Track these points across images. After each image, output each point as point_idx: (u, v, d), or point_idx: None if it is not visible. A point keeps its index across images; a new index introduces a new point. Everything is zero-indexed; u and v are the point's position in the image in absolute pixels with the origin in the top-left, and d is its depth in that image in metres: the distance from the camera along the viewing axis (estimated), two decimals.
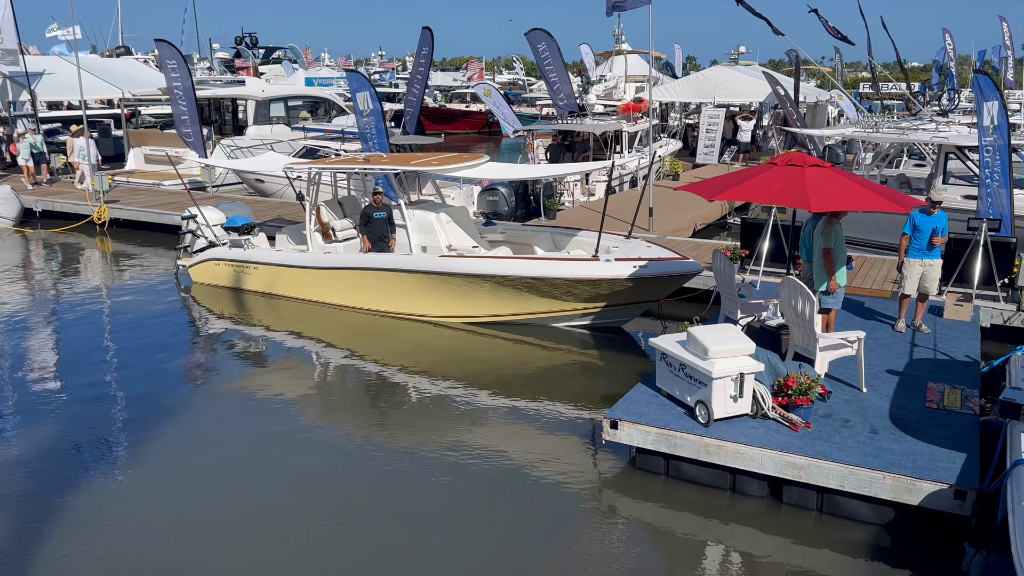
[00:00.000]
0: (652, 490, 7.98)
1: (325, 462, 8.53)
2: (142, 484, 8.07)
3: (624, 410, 8.17)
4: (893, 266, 13.74)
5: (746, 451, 7.44)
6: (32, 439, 9.01)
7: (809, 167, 8.51)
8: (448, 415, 9.74)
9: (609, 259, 11.67)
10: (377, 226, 12.75)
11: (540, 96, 53.20)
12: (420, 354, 11.79)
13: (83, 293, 14.89)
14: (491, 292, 12.21)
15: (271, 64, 60.15)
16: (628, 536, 7.30)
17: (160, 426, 9.37)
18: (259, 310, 13.70)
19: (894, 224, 14.76)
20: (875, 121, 17.40)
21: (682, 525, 7.44)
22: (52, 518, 7.47)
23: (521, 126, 32.51)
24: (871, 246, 14.74)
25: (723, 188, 8.47)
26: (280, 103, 28.50)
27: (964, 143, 15.82)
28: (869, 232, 14.46)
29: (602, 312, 12.23)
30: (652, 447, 7.89)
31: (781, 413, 7.83)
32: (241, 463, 8.54)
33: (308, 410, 9.82)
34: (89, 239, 19.36)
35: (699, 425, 7.80)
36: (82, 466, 8.41)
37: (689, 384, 7.96)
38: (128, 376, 10.91)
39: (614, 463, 8.48)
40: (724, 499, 7.74)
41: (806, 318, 8.35)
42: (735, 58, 38.42)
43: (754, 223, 13.23)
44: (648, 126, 21.41)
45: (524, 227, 14.50)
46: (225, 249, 14.43)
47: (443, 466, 8.40)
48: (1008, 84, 40.84)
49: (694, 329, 7.94)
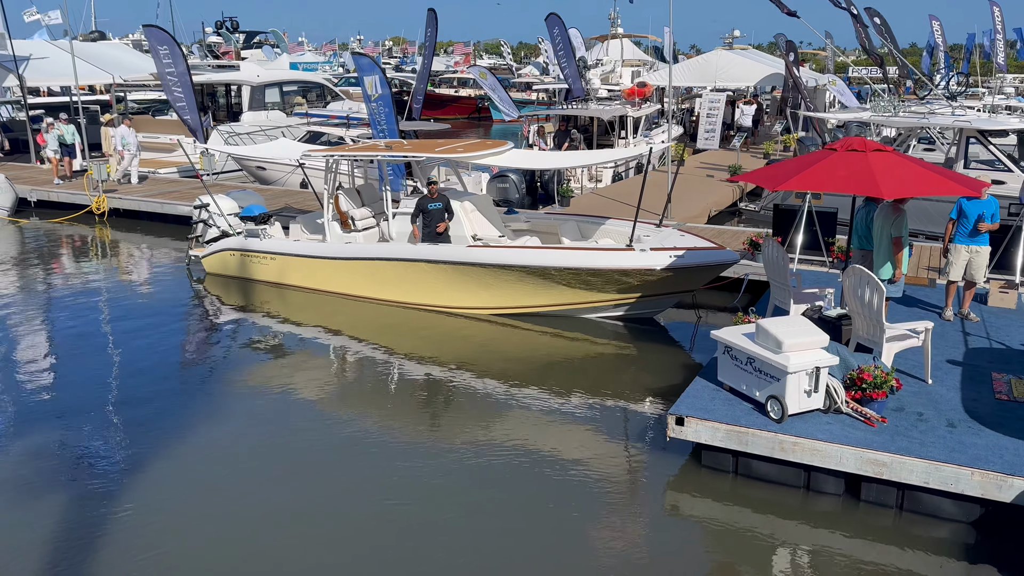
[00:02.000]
0: (719, 488, 7.72)
1: (371, 461, 8.17)
2: (170, 484, 7.69)
3: (689, 405, 7.88)
4: (927, 253, 13.58)
5: (824, 448, 7.18)
6: (52, 434, 8.58)
7: (872, 152, 8.23)
8: (489, 411, 9.39)
9: (645, 248, 11.37)
10: (433, 217, 12.30)
11: (532, 80, 52.69)
12: (450, 347, 11.44)
13: (92, 286, 14.36)
14: (522, 283, 11.87)
15: (252, 49, 59.13)
16: (695, 535, 7.06)
17: (189, 424, 8.97)
18: (278, 302, 13.26)
19: (923, 211, 14.60)
20: (894, 105, 17.17)
21: (753, 524, 7.18)
22: (61, 516, 7.08)
23: (518, 111, 32.12)
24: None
25: (785, 177, 8.17)
26: (275, 88, 27.87)
27: (987, 127, 15.65)
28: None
29: (635, 303, 11.93)
30: (721, 444, 7.62)
31: (855, 407, 7.58)
32: (278, 460, 8.18)
33: (344, 406, 9.45)
34: (88, 229, 18.75)
35: (770, 421, 7.53)
36: (107, 463, 8.01)
37: (758, 378, 7.68)
38: (150, 371, 10.46)
39: (673, 460, 8.20)
40: (797, 497, 7.49)
41: (873, 308, 8.10)
42: (730, 42, 38.21)
43: (787, 210, 12.98)
44: (667, 109, 21.10)
45: (548, 215, 14.15)
46: (240, 239, 13.95)
47: (493, 466, 8.08)
48: (999, 68, 40.91)
49: (764, 321, 7.65)
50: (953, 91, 21.91)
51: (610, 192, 20.13)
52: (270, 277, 13.82)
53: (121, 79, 25.46)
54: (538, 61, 61.40)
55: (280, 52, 59.73)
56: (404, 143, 13.49)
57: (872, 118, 17.42)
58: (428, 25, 20.91)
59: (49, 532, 6.98)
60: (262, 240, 13.74)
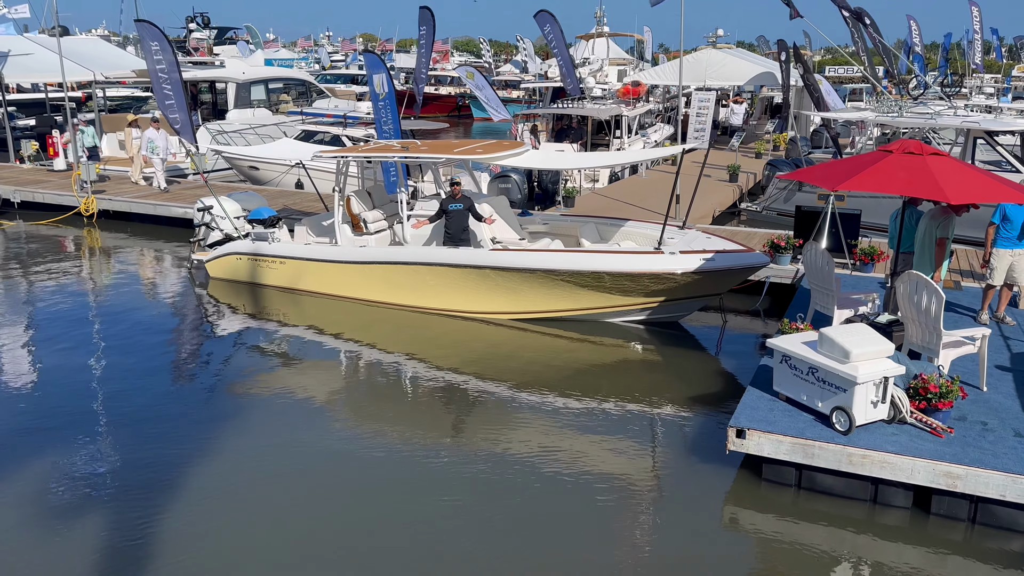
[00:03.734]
0: (780, 502, 7.50)
1: (403, 470, 7.85)
2: (192, 493, 7.30)
3: (748, 417, 7.65)
4: (955, 257, 13.50)
5: (895, 460, 6.99)
6: (61, 445, 8.12)
7: (929, 155, 8.06)
8: (524, 421, 9.09)
9: (674, 252, 11.15)
10: (454, 219, 11.94)
11: (512, 79, 52.36)
12: (474, 353, 11.13)
13: (89, 293, 13.80)
14: (545, 287, 11.58)
15: (225, 44, 58.09)
16: (757, 551, 6.86)
17: (203, 435, 8.56)
18: (290, 307, 12.83)
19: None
20: (900, 105, 17.15)
21: (819, 538, 6.99)
22: (83, 530, 6.67)
23: (507, 111, 31.77)
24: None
25: (843, 177, 7.96)
26: (260, 86, 27.23)
27: (994, 128, 15.68)
28: None
29: (660, 307, 11.71)
30: (785, 457, 7.40)
31: (920, 418, 7.40)
32: (302, 467, 7.84)
33: (367, 414, 9.10)
34: (77, 232, 18.09)
35: (835, 433, 7.33)
36: (139, 477, 7.59)
37: (821, 389, 7.47)
38: (165, 381, 10.01)
39: (724, 472, 7.98)
40: (864, 510, 7.30)
41: (931, 315, 7.93)
42: (713, 41, 38.19)
43: (809, 212, 12.83)
44: (675, 108, 20.83)
45: (564, 217, 13.87)
46: (247, 242, 13.48)
47: (534, 480, 7.81)
48: (976, 68, 41.47)
49: (828, 330, 7.44)
50: (947, 91, 22.05)
51: (611, 192, 19.91)
52: (280, 282, 13.38)
53: (103, 76, 24.69)
54: (517, 59, 61.04)
55: (254, 48, 58.80)
56: (418, 143, 13.11)
57: (878, 119, 17.38)
58: (422, 23, 20.48)
59: (70, 544, 6.57)
60: (271, 244, 13.28)
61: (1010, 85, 46.21)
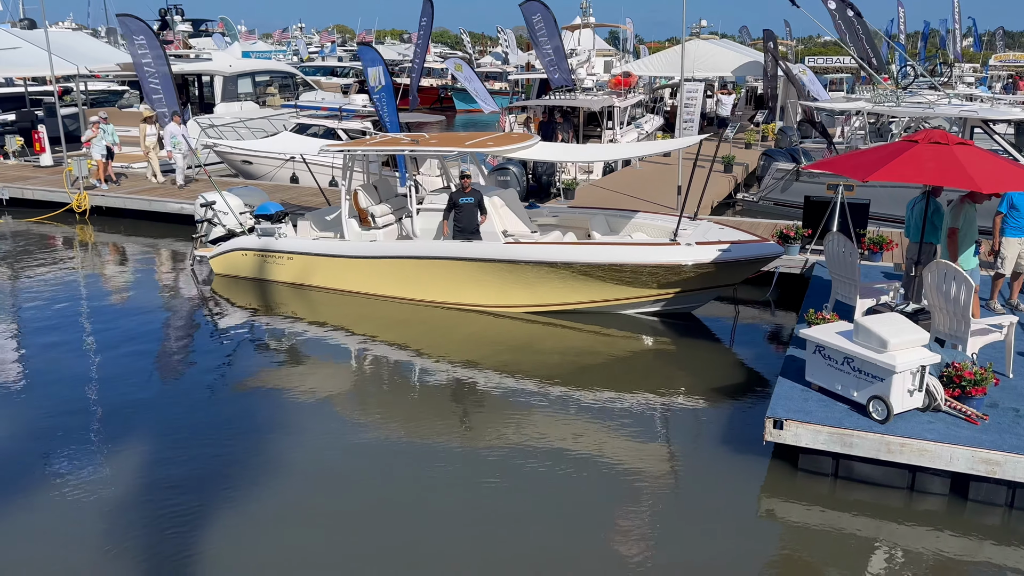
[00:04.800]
0: (817, 492, 7.55)
1: (426, 468, 7.81)
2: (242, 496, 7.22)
3: (784, 408, 7.68)
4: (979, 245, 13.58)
5: (933, 448, 7.05)
6: (83, 448, 7.99)
7: (955, 145, 8.13)
8: (551, 415, 9.04)
9: (691, 243, 11.17)
10: (464, 212, 11.84)
11: (493, 71, 52.14)
12: (488, 347, 11.08)
13: (90, 290, 13.57)
14: (562, 280, 11.55)
15: (200, 37, 57.25)
16: (797, 540, 6.93)
17: (232, 434, 8.45)
18: (300, 303, 12.69)
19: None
20: (897, 95, 17.29)
21: (858, 526, 7.04)
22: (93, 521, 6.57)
23: (495, 104, 31.64)
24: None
25: (873, 168, 8.00)
26: (248, 79, 26.90)
27: (991, 117, 15.86)
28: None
29: (675, 298, 11.72)
30: (823, 447, 7.43)
31: (954, 405, 7.47)
32: (315, 467, 7.78)
33: (384, 409, 9.06)
34: (70, 229, 17.76)
35: (872, 422, 7.38)
36: (170, 478, 7.48)
37: (857, 379, 7.52)
38: (180, 380, 9.87)
39: (755, 463, 8.00)
40: (901, 498, 7.36)
41: (960, 303, 8.00)
42: (697, 31, 38.29)
43: (819, 202, 12.89)
44: (662, 98, 20.83)
45: (573, 210, 13.83)
46: (253, 238, 13.30)
47: (566, 472, 7.80)
48: (956, 57, 41.96)
49: (864, 320, 7.48)
50: (937, 80, 22.28)
51: (609, 184, 19.91)
52: (288, 278, 13.22)
53: (87, 69, 24.22)
54: (497, 51, 60.85)
55: (231, 41, 58.00)
56: (428, 137, 13.00)
57: (876, 108, 17.52)
58: (423, 14, 20.32)
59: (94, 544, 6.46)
60: (278, 239, 13.12)
61: (987, 74, 46.80)
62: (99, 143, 18.92)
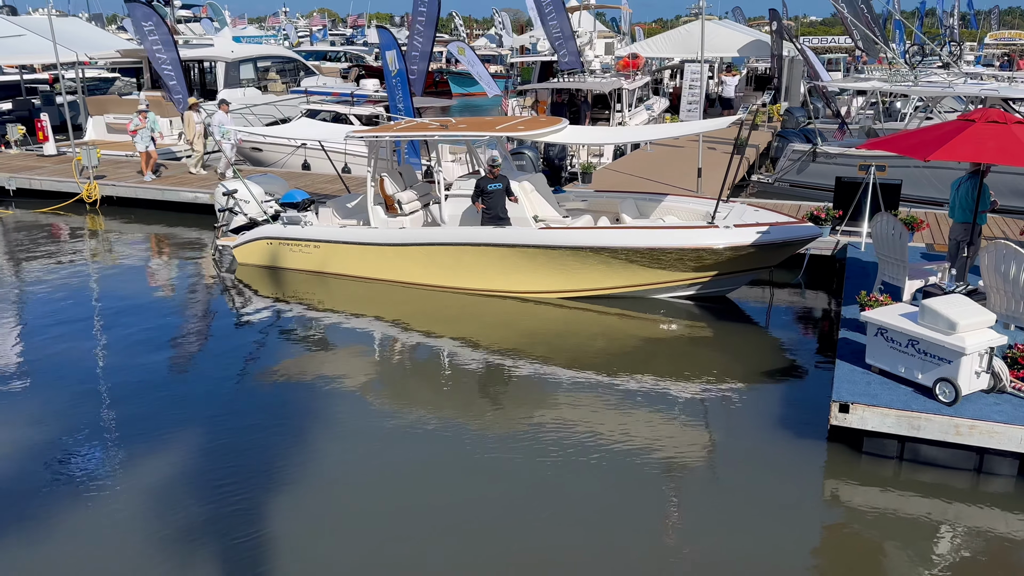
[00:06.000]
0: (883, 475, 7.51)
1: (471, 455, 7.72)
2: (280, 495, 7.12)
3: (850, 391, 7.63)
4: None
5: (1004, 430, 7.02)
6: (116, 442, 7.86)
7: (1013, 124, 8.05)
8: (598, 402, 8.93)
9: (729, 226, 11.08)
10: (494, 199, 11.68)
11: (487, 55, 51.71)
12: (525, 333, 10.97)
13: (112, 283, 13.34)
14: (598, 265, 11.45)
15: (190, 23, 56.47)
16: (864, 523, 6.84)
17: (277, 423, 8.33)
18: (327, 292, 12.52)
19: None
20: (915, 75, 17.21)
21: (926, 508, 7.02)
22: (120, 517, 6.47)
23: (498, 88, 31.45)
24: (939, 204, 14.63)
25: (933, 147, 7.92)
26: (249, 64, 26.54)
27: (1011, 95, 15.81)
28: (938, 191, 14.31)
29: (710, 281, 11.65)
30: (890, 430, 7.39)
31: (1020, 387, 7.44)
32: (359, 458, 7.71)
33: (426, 400, 8.94)
34: (81, 220, 17.48)
35: (938, 404, 7.33)
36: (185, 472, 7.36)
37: (922, 361, 7.47)
38: (218, 373, 9.71)
39: (813, 447, 7.98)
40: (968, 480, 7.34)
41: (1019, 285, 7.96)
42: (696, 12, 38.07)
43: (850, 183, 12.81)
44: (703, 81, 20.63)
45: (600, 193, 13.70)
46: (278, 226, 13.12)
47: (624, 460, 7.73)
48: (953, 36, 41.94)
49: (930, 302, 7.42)
50: (946, 60, 22.23)
51: (624, 167, 19.78)
52: (314, 266, 13.06)
53: (87, 57, 23.80)
54: (491, 33, 60.38)
55: (219, 26, 57.27)
56: (452, 121, 12.82)
57: (894, 87, 17.43)
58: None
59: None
60: (304, 227, 12.94)
61: (982, 53, 46.87)
62: (144, 133, 18.20)
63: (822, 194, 17.57)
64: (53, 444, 8.09)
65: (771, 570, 6.25)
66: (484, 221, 11.94)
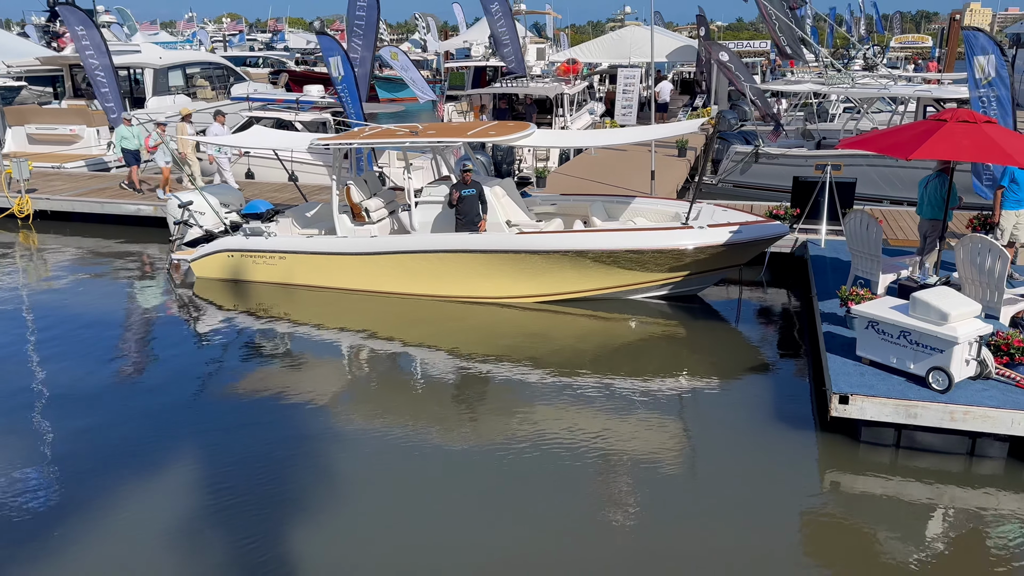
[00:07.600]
0: (880, 462, 7.79)
1: (451, 462, 7.69)
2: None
3: (847, 383, 7.88)
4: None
5: (996, 414, 7.38)
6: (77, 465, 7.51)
7: (983, 123, 8.46)
8: (581, 405, 8.95)
9: (703, 226, 11.31)
10: (467, 204, 11.59)
11: (414, 60, 51.29)
12: (504, 338, 10.94)
13: (60, 301, 12.66)
14: (574, 268, 11.52)
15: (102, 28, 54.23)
16: (864, 509, 7.07)
17: (261, 439, 8.10)
18: (292, 304, 12.18)
19: (914, 179, 15.32)
20: (851, 76, 17.94)
21: (924, 493, 7.31)
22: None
23: (433, 93, 31.23)
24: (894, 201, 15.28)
25: (912, 146, 8.24)
26: (178, 71, 25.69)
27: (943, 96, 16.64)
28: (895, 188, 14.95)
29: (683, 281, 11.87)
30: (888, 419, 7.67)
31: (1004, 373, 7.83)
32: (342, 469, 7.55)
33: (403, 406, 8.84)
34: (12, 235, 16.56)
35: (932, 392, 7.65)
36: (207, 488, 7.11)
37: (915, 351, 7.78)
38: (181, 392, 9.35)
39: (806, 438, 8.22)
40: (962, 463, 7.68)
41: (995, 275, 8.39)
42: (621, 18, 38.86)
43: (807, 182, 13.25)
44: (593, 85, 21.01)
45: (567, 197, 13.78)
46: (240, 238, 12.71)
47: (624, 460, 7.80)
48: (863, 39, 43.86)
49: (921, 294, 7.74)
50: (871, 62, 23.24)
51: (574, 171, 19.96)
52: (279, 278, 12.71)
53: (6, 65, 22.59)
54: (415, 38, 60.02)
55: (130, 32, 55.18)
56: (430, 127, 12.67)
57: (830, 89, 18.12)
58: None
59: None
60: (267, 238, 12.58)
61: (887, 56, 49.14)
62: (164, 150, 17.00)
63: (765, 194, 18.15)
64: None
65: (774, 556, 6.41)
66: (458, 227, 11.87)
